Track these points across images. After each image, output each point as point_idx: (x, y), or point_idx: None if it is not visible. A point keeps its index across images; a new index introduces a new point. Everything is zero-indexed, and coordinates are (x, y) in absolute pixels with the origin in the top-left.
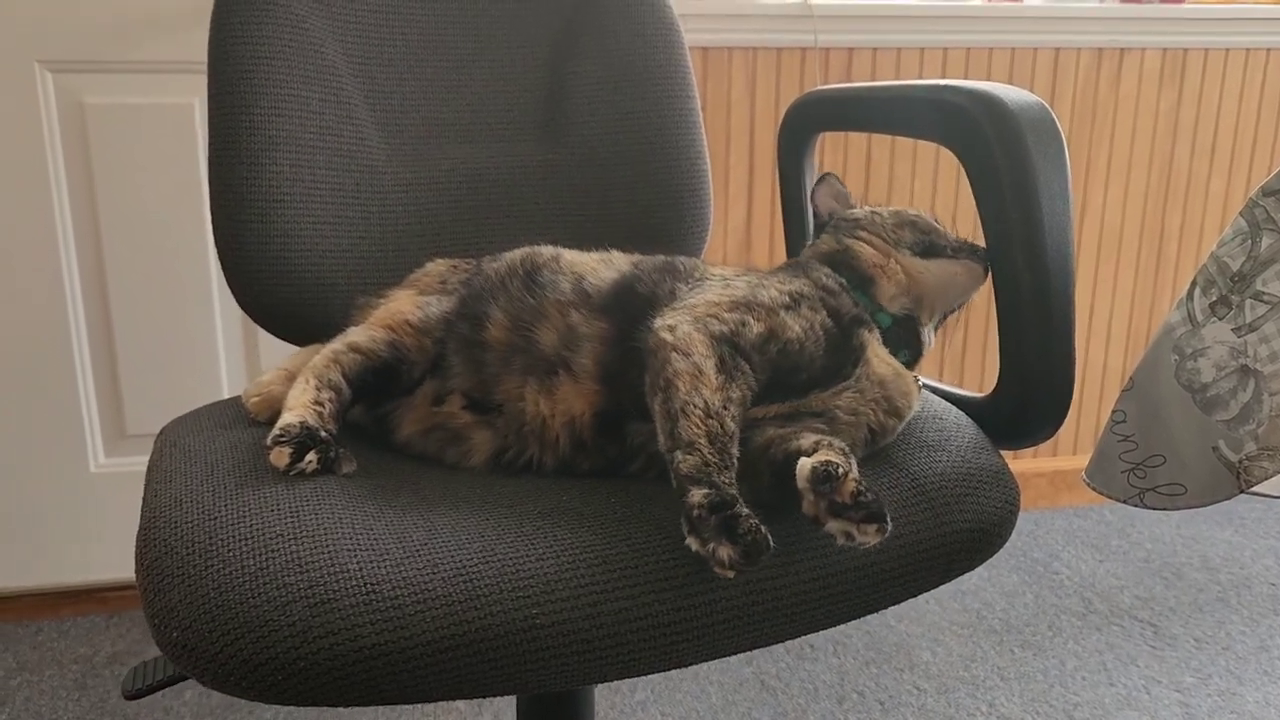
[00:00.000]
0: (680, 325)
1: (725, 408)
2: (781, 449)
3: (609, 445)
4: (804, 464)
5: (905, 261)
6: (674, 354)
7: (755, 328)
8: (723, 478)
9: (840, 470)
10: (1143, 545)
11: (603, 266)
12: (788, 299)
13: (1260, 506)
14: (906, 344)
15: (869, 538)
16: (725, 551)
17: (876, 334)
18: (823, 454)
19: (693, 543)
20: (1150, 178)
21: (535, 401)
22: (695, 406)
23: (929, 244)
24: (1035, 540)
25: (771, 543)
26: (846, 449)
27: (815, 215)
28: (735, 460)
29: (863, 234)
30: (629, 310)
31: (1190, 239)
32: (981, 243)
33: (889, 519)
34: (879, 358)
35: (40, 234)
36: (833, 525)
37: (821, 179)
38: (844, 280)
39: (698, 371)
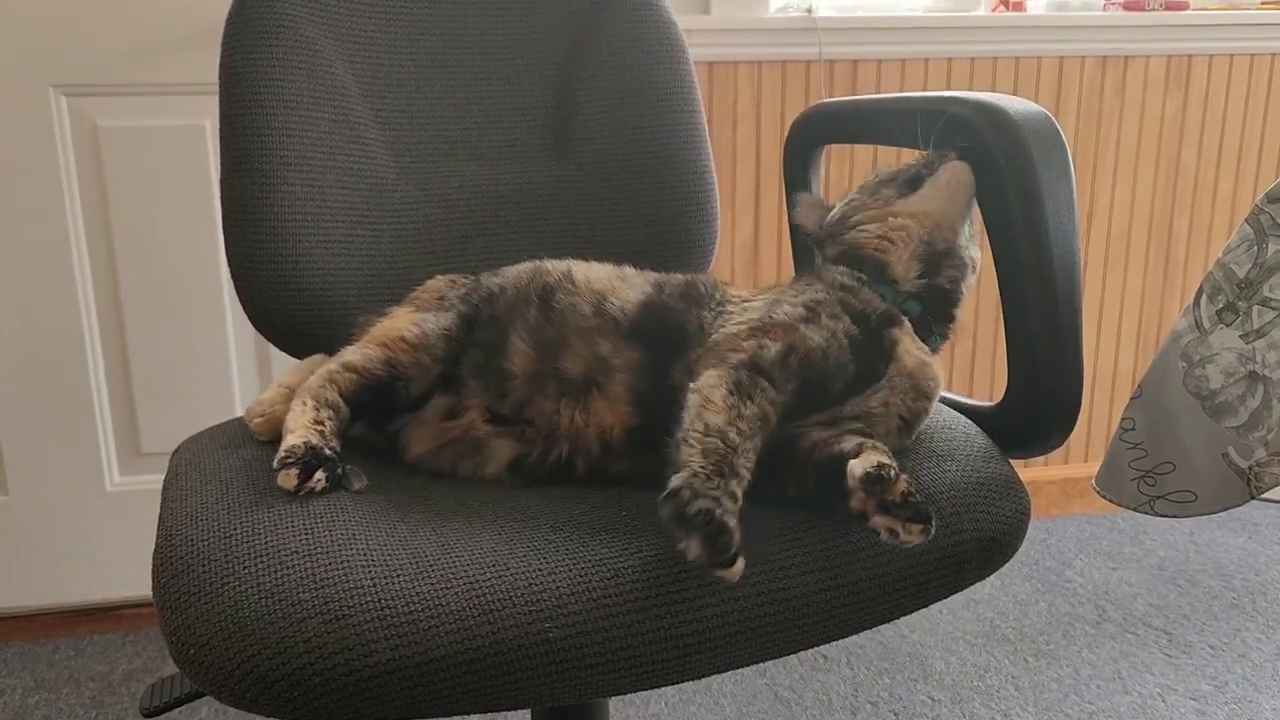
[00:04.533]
0: (701, 375)
1: (731, 424)
2: (825, 452)
3: (643, 453)
4: (854, 465)
5: (903, 208)
6: (691, 395)
7: (772, 348)
8: (707, 484)
9: (892, 472)
10: (1156, 552)
11: (622, 285)
12: (804, 311)
13: (1275, 513)
14: (936, 326)
15: (913, 536)
16: (694, 546)
17: (907, 325)
18: (871, 455)
19: (681, 550)
20: (1157, 183)
21: (571, 416)
22: (695, 431)
23: (907, 179)
24: (1048, 549)
25: (733, 527)
26: (890, 452)
27: (809, 237)
28: (740, 469)
29: (855, 220)
30: (659, 339)
31: (1198, 243)
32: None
33: (934, 522)
34: (909, 353)
35: (55, 255)
36: (878, 520)
37: (792, 205)
38: (863, 275)
39: (705, 401)
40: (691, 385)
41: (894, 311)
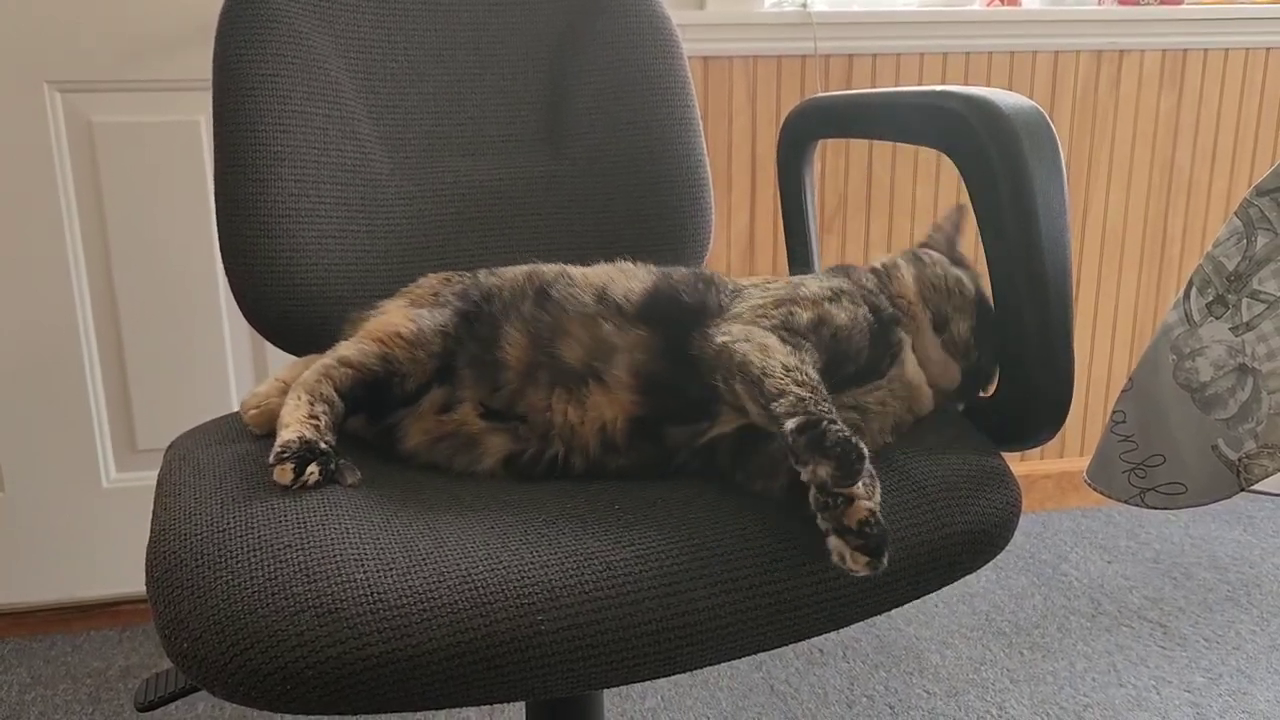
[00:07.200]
0: (733, 328)
1: (801, 364)
2: None
3: (643, 446)
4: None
5: (921, 319)
6: (736, 345)
7: (803, 315)
8: (819, 407)
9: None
10: (1151, 545)
11: (623, 277)
12: (829, 292)
13: (1269, 506)
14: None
15: (858, 567)
16: (824, 470)
17: (910, 341)
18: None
19: (803, 473)
20: (1151, 179)
21: (564, 411)
22: (773, 367)
23: (941, 318)
24: (1043, 542)
25: (864, 450)
26: (874, 473)
27: None
28: (829, 401)
29: (912, 268)
30: (672, 318)
31: (1192, 239)
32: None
33: (885, 557)
34: (911, 361)
35: (50, 251)
36: (832, 542)
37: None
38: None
39: (764, 346)
40: (725, 338)
41: (902, 317)
